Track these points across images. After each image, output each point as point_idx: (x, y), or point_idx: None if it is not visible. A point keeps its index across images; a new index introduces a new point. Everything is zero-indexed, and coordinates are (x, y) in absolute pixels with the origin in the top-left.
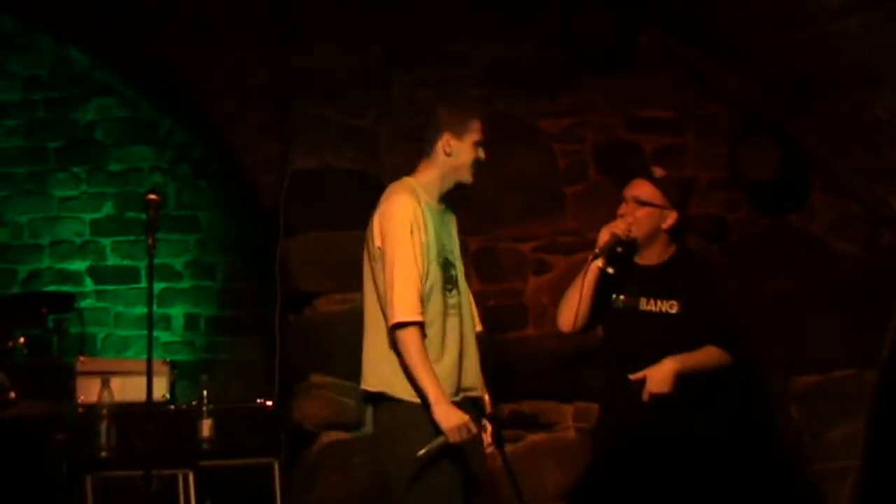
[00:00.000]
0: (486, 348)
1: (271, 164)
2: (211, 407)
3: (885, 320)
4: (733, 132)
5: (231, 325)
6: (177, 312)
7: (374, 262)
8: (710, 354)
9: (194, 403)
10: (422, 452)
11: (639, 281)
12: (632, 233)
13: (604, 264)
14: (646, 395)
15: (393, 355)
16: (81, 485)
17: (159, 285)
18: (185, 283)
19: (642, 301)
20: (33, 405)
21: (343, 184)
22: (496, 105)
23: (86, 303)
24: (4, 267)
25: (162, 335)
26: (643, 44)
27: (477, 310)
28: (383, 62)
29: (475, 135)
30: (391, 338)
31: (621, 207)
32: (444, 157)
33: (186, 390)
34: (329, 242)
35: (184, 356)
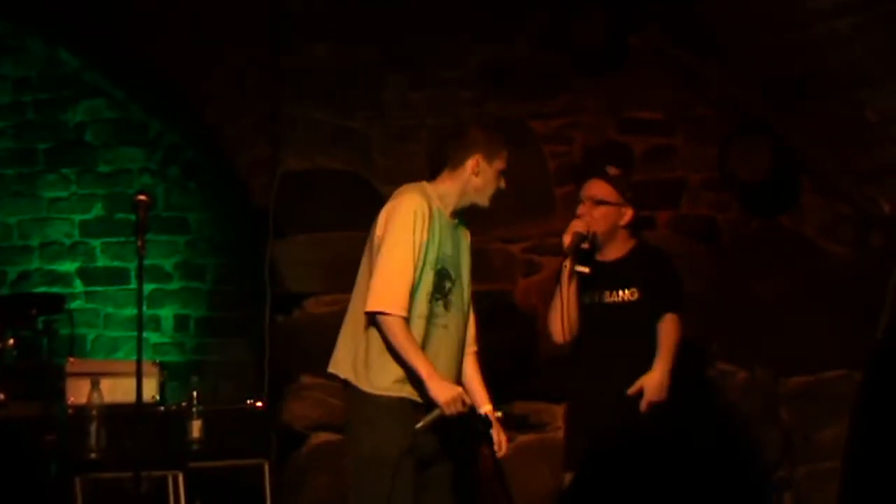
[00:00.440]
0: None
1: (262, 166)
2: (200, 408)
3: (875, 321)
4: (724, 133)
5: (221, 327)
6: (166, 314)
7: (374, 255)
8: (672, 335)
9: (184, 405)
10: (419, 426)
11: (602, 276)
12: (591, 228)
13: (572, 264)
14: (644, 404)
15: (362, 346)
16: (71, 486)
17: (149, 286)
18: (175, 285)
19: (606, 294)
20: (23, 406)
21: (334, 185)
22: (487, 106)
23: (75, 304)
24: None
25: (152, 336)
26: (634, 45)
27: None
28: (375, 63)
29: (502, 163)
30: (365, 321)
31: (579, 208)
32: (470, 175)
33: (176, 391)
34: (319, 244)
35: (173, 357)
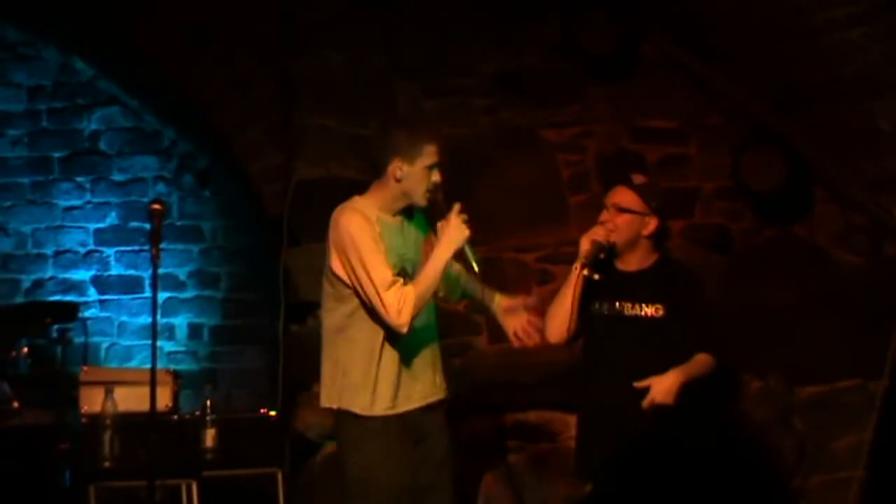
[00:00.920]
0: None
1: (276, 174)
2: (214, 417)
3: (889, 331)
4: (737, 142)
5: (235, 335)
6: (180, 322)
7: (332, 286)
8: (704, 363)
9: (198, 413)
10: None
11: (622, 287)
12: (611, 238)
13: (590, 273)
14: (647, 402)
15: (341, 373)
16: (85, 495)
17: (163, 295)
18: (189, 293)
19: (626, 306)
20: (37, 415)
21: (347, 193)
22: (500, 115)
23: (89, 312)
24: (8, 277)
25: (165, 345)
26: (647, 54)
27: None
28: (388, 72)
29: (428, 159)
30: (339, 347)
31: (602, 214)
32: (392, 180)
33: (190, 400)
34: None
35: (187, 366)
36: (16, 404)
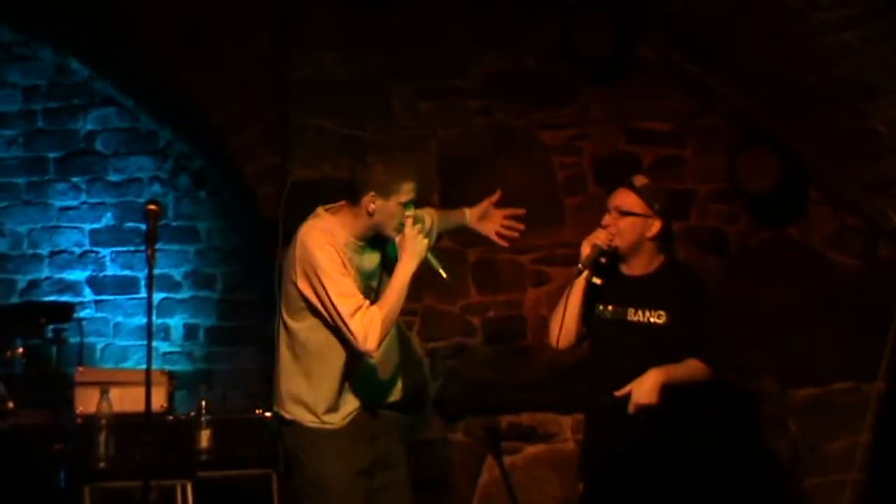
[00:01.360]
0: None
1: (271, 175)
2: (209, 417)
3: (884, 333)
4: (732, 144)
5: (230, 336)
6: (176, 323)
7: (287, 298)
8: (694, 368)
9: (193, 414)
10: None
11: (626, 291)
12: (613, 242)
13: (590, 276)
14: (632, 406)
15: (289, 383)
16: (80, 495)
17: (158, 295)
18: (185, 294)
19: (630, 311)
20: (32, 415)
21: (342, 194)
22: (496, 116)
23: (85, 313)
24: (3, 277)
25: (161, 345)
26: (643, 55)
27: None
28: (383, 73)
29: (404, 196)
30: (290, 359)
31: (605, 217)
32: (365, 212)
33: (185, 401)
34: None
35: (183, 367)
36: (10, 405)
